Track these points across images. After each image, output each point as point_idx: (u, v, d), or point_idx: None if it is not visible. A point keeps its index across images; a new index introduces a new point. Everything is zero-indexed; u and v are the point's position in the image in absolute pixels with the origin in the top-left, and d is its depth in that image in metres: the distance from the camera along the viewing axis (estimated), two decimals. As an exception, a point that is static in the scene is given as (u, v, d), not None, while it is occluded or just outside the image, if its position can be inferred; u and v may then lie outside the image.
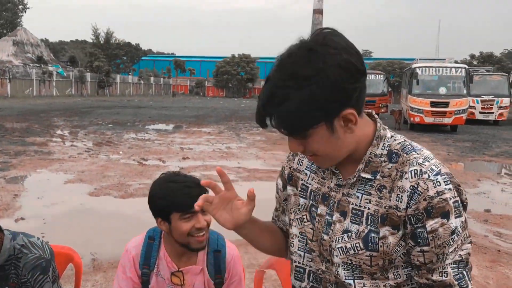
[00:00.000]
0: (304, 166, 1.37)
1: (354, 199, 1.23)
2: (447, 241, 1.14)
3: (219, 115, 26.21)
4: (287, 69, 1.09)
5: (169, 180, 1.95)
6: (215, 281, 2.04)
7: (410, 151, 1.20)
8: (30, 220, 6.08)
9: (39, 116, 21.83)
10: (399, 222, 1.17)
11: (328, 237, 1.25)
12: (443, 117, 19.14)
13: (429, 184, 1.13)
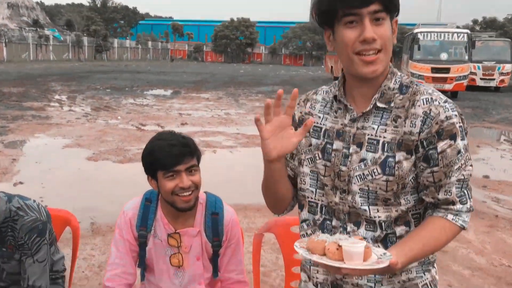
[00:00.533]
0: (317, 110, 1.47)
1: (369, 131, 1.34)
2: (454, 160, 1.30)
3: (217, 81, 26.00)
4: None
5: (158, 137, 1.93)
6: (212, 243, 2.02)
7: (418, 84, 1.36)
8: (28, 184, 6.08)
9: (36, 80, 21.63)
10: (412, 147, 1.31)
11: (347, 167, 1.36)
12: (444, 83, 18.97)
13: (440, 110, 1.28)
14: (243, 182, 6.46)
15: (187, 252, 2.00)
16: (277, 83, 25.68)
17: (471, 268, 4.09)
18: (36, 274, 2.02)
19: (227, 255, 2.08)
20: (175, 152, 1.83)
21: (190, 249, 2.00)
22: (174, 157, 1.83)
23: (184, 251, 2.00)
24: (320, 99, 1.48)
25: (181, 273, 2.02)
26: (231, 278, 2.11)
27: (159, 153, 1.85)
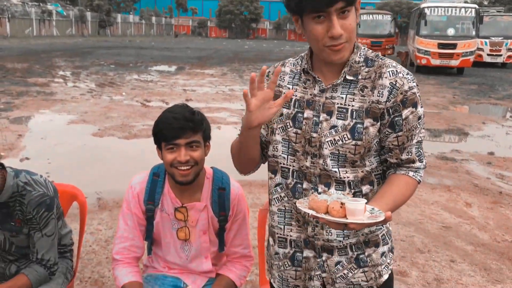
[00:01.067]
0: (286, 82, 1.56)
1: (338, 100, 1.46)
2: (415, 124, 1.46)
3: (222, 57, 25.84)
4: None
5: (169, 109, 1.94)
6: (219, 218, 2.05)
7: (383, 58, 1.48)
8: (34, 160, 6.13)
9: (40, 56, 21.57)
10: (379, 114, 1.44)
11: (317, 134, 1.47)
12: (450, 59, 18.78)
13: (404, 81, 1.42)
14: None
15: (193, 226, 2.02)
16: (282, 58, 25.36)
17: (474, 244, 4.12)
18: (44, 247, 2.06)
19: (233, 230, 2.10)
20: (176, 126, 1.84)
21: (197, 223, 2.02)
22: (174, 130, 1.85)
23: (190, 225, 2.02)
24: (288, 71, 1.58)
25: (188, 246, 2.05)
26: (237, 252, 2.14)
27: (162, 125, 1.87)
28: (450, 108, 11.55)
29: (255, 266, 3.57)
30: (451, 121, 9.78)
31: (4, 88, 11.71)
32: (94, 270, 3.46)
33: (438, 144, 7.94)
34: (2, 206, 2.01)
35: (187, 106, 1.95)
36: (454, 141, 8.34)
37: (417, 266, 3.69)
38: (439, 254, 3.92)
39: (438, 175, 6.11)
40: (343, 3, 1.34)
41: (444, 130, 8.91)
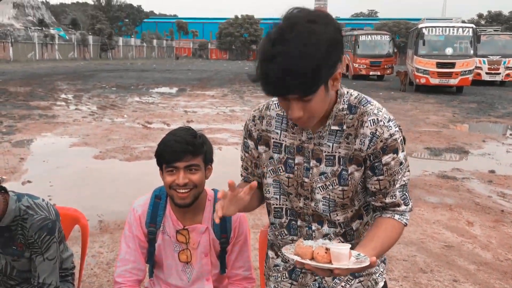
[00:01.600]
0: (274, 127, 1.58)
1: (325, 148, 1.50)
2: (397, 169, 1.48)
3: (222, 78, 26.03)
4: (298, 39, 1.24)
5: (172, 132, 1.97)
6: (220, 240, 2.05)
7: (365, 103, 1.48)
8: (36, 183, 6.14)
9: (43, 80, 21.75)
10: (361, 160, 1.49)
11: (309, 179, 1.53)
12: (449, 78, 18.91)
13: (384, 129, 1.45)
14: (248, 179, 6.49)
15: (195, 248, 2.03)
16: (282, 79, 25.64)
17: (477, 263, 4.10)
18: (46, 271, 2.06)
19: (234, 252, 2.10)
20: (175, 149, 1.87)
21: (198, 246, 2.03)
22: (174, 153, 1.87)
23: (192, 247, 2.02)
24: (275, 115, 1.58)
25: (189, 269, 2.05)
26: (239, 275, 2.14)
27: (164, 147, 1.90)
28: (450, 126, 11.59)
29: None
30: (451, 139, 9.80)
31: (6, 112, 11.79)
32: (96, 294, 3.45)
33: (438, 163, 7.95)
34: (4, 230, 2.02)
35: (190, 129, 1.98)
36: (455, 159, 8.35)
37: (420, 286, 3.67)
38: (442, 273, 3.90)
39: (439, 194, 6.10)
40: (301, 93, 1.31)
41: (444, 148, 8.92)
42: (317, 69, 1.25)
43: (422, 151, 8.76)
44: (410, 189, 5.03)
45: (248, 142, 1.66)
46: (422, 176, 6.96)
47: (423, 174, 7.05)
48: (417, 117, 12.84)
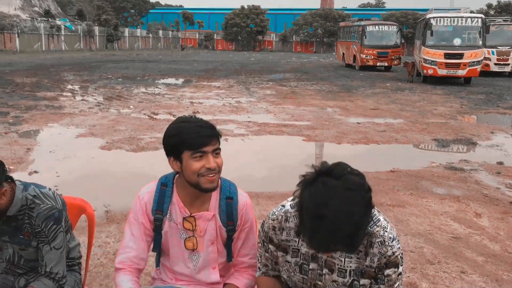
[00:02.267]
0: (292, 236, 1.84)
1: (337, 261, 1.79)
2: (395, 279, 1.80)
3: (228, 69, 25.96)
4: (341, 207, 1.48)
5: (183, 120, 1.96)
6: (227, 228, 2.04)
7: (372, 225, 1.73)
8: (43, 173, 6.16)
9: (49, 70, 21.78)
10: (372, 274, 1.78)
11: (322, 283, 1.82)
12: (457, 69, 18.75)
13: (388, 249, 1.75)
14: (255, 170, 6.48)
15: (201, 236, 2.02)
16: (288, 70, 25.58)
17: (485, 255, 4.07)
18: (53, 260, 2.06)
19: (240, 239, 2.10)
20: (204, 133, 1.87)
21: (205, 233, 2.02)
22: (203, 138, 1.87)
23: (198, 235, 2.02)
24: (293, 226, 1.82)
25: (196, 256, 2.05)
26: (245, 262, 2.13)
27: (187, 134, 1.87)
28: (457, 117, 11.51)
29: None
30: (459, 131, 9.73)
31: (13, 103, 11.83)
32: (103, 283, 3.46)
33: (446, 154, 7.90)
34: (11, 219, 2.02)
35: (197, 116, 2.00)
36: (463, 151, 8.30)
37: (427, 277, 3.66)
38: (450, 265, 3.87)
39: (447, 185, 6.06)
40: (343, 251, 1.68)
41: (452, 140, 8.86)
42: (356, 232, 1.51)
43: (429, 142, 8.70)
44: (417, 180, 5.02)
45: (269, 246, 1.90)
46: (430, 167, 6.92)
47: (430, 166, 7.01)
48: (425, 108, 12.75)
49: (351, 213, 1.47)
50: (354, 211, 1.48)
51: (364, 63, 25.99)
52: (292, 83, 18.85)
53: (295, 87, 17.34)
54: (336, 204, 1.47)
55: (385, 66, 26.40)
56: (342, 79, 20.79)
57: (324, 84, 18.52)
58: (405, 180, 6.18)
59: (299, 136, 8.87)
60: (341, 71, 25.71)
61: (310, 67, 28.90)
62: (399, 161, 7.17)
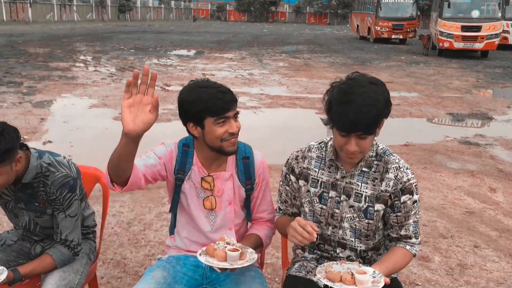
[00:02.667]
0: (313, 165, 1.96)
1: (355, 186, 1.89)
2: (411, 208, 1.88)
3: (241, 41, 25.71)
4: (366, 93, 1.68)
5: (201, 85, 1.93)
6: (245, 187, 2.07)
7: (389, 154, 1.90)
8: (57, 143, 6.21)
9: (61, 41, 21.76)
10: (387, 200, 1.87)
11: (339, 210, 1.91)
12: (474, 42, 18.35)
13: (403, 174, 1.87)
14: (267, 143, 6.46)
15: (219, 196, 2.04)
16: (301, 42, 25.25)
17: (499, 230, 4.05)
18: (68, 228, 2.08)
19: (258, 198, 2.14)
20: (227, 99, 1.88)
21: (223, 193, 2.04)
22: (226, 103, 1.87)
23: (217, 195, 2.04)
24: (315, 156, 1.96)
25: (213, 216, 2.06)
26: (263, 218, 2.18)
27: (211, 101, 1.86)
28: (473, 92, 11.32)
29: (275, 249, 3.57)
30: (474, 105, 9.58)
31: (26, 73, 11.86)
32: (117, 252, 3.50)
33: (461, 129, 7.80)
34: (26, 187, 2.03)
35: (212, 80, 1.98)
36: (478, 125, 8.19)
37: (440, 251, 3.65)
38: (463, 239, 3.86)
39: (461, 160, 6.00)
40: (364, 132, 1.71)
41: (467, 114, 8.74)
42: (378, 116, 1.69)
43: (444, 116, 8.59)
44: (431, 154, 4.99)
45: (290, 176, 2.00)
46: (444, 141, 6.85)
47: (444, 140, 6.93)
48: (440, 82, 12.56)
49: (376, 100, 1.68)
50: (378, 99, 1.68)
51: (378, 35, 25.53)
52: (305, 55, 18.64)
53: (308, 60, 17.14)
54: (363, 92, 1.68)
55: (400, 39, 25.93)
56: (356, 52, 20.50)
57: (338, 57, 18.29)
58: (419, 154, 6.12)
59: (312, 109, 8.81)
60: (355, 44, 25.33)
61: (323, 39, 28.49)
62: (413, 135, 7.10)
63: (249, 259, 1.81)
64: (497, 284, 3.24)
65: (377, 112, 1.68)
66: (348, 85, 1.72)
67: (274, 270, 3.34)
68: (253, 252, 1.87)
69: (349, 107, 1.66)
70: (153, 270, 2.06)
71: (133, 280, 3.12)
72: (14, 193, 2.07)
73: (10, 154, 1.84)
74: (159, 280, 1.97)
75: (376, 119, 1.69)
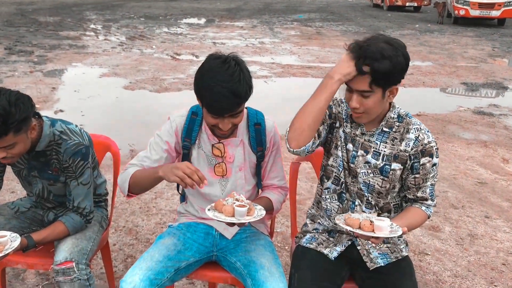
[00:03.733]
0: (344, 114, 1.97)
1: (373, 144, 1.90)
2: (430, 170, 1.88)
3: (252, 9, 25.31)
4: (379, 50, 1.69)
5: (214, 72, 1.79)
6: (257, 154, 2.07)
7: (410, 117, 1.91)
8: (68, 112, 6.23)
9: (71, 9, 21.59)
10: (405, 160, 1.87)
11: (354, 165, 1.93)
12: (491, 9, 17.87)
13: (425, 136, 1.86)
14: (278, 112, 6.41)
15: (230, 162, 2.04)
16: (314, 10, 24.80)
17: (510, 200, 4.03)
18: (80, 196, 2.10)
19: (269, 163, 2.13)
20: (224, 106, 1.78)
21: (233, 159, 2.04)
22: (220, 110, 1.80)
23: (228, 161, 2.04)
24: (345, 108, 1.97)
25: (225, 182, 2.07)
26: (273, 184, 2.17)
27: (209, 98, 1.79)
28: (488, 61, 11.10)
29: (285, 218, 3.60)
30: (489, 74, 9.41)
31: (37, 42, 11.84)
32: (128, 220, 3.55)
33: (475, 99, 7.69)
34: (40, 154, 2.04)
35: (231, 66, 1.80)
36: (492, 95, 8.05)
37: (450, 221, 3.65)
38: (474, 210, 3.85)
39: (475, 130, 5.93)
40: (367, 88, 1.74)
41: (481, 84, 8.59)
42: (388, 73, 1.69)
43: (458, 86, 8.46)
44: (444, 124, 4.93)
45: (328, 109, 1.97)
46: (457, 111, 6.76)
47: (458, 110, 6.84)
48: (454, 50, 12.32)
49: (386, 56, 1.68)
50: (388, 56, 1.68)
51: (392, 3, 24.94)
52: (317, 23, 18.32)
53: (320, 28, 16.87)
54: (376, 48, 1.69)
55: (414, 7, 25.33)
56: (369, 20, 20.10)
57: (351, 25, 17.96)
58: (431, 124, 6.06)
59: (323, 78, 8.71)
60: (368, 11, 24.82)
61: (336, 7, 27.95)
62: (426, 105, 7.01)
63: (257, 215, 1.80)
64: (506, 254, 3.24)
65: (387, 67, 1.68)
66: (365, 40, 1.75)
67: (284, 238, 3.37)
68: (262, 209, 1.85)
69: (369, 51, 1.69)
70: (163, 237, 2.08)
71: (144, 247, 3.17)
72: (28, 161, 2.09)
73: (26, 122, 1.85)
74: (170, 247, 2.00)
75: (385, 76, 1.70)
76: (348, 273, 2.01)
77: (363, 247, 1.97)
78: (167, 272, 1.90)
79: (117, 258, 3.07)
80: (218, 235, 2.09)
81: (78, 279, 2.00)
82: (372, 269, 1.95)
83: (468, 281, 2.94)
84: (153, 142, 2.04)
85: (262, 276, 1.86)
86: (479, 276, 2.99)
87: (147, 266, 1.86)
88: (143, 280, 1.81)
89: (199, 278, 2.10)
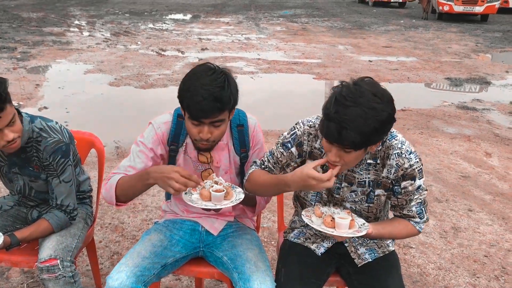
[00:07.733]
0: (318, 144, 1.85)
1: (357, 175, 1.84)
2: (413, 192, 1.83)
3: (237, 4, 25.24)
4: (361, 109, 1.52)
5: (196, 76, 1.81)
6: (240, 155, 2.05)
7: (390, 138, 1.79)
8: (52, 109, 6.17)
9: (55, 5, 21.32)
10: (388, 186, 1.84)
11: (339, 196, 1.90)
12: (474, 5, 18.05)
13: (405, 161, 1.78)
14: (264, 108, 6.44)
15: (218, 167, 2.03)
16: (299, 6, 24.82)
17: (493, 193, 4.09)
18: (63, 193, 2.08)
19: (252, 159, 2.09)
20: (203, 107, 1.74)
21: (220, 163, 2.02)
22: (201, 112, 1.76)
23: (215, 166, 2.02)
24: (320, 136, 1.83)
25: None
26: None
27: (189, 100, 1.77)
28: (472, 56, 11.22)
29: (272, 213, 3.61)
30: (472, 69, 9.52)
31: (20, 38, 11.68)
32: (114, 217, 3.54)
33: (458, 94, 7.77)
34: (20, 151, 2.02)
35: (217, 74, 1.80)
36: (475, 90, 8.15)
37: (434, 215, 3.69)
38: (457, 203, 3.90)
39: (458, 124, 6.00)
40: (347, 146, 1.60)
41: (465, 79, 8.69)
42: (367, 137, 1.54)
43: (442, 81, 8.55)
44: (428, 119, 4.95)
45: (293, 148, 1.88)
46: (441, 106, 6.84)
47: (442, 105, 6.91)
48: (438, 46, 12.43)
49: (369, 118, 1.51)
50: (371, 117, 1.51)
51: (377, -2, 25.09)
52: (303, 19, 18.35)
53: (306, 24, 16.89)
54: (358, 103, 1.52)
55: (399, 2, 25.51)
56: (354, 16, 20.19)
57: (336, 21, 18.02)
58: (415, 119, 6.12)
59: (309, 74, 8.74)
60: (354, 7, 24.92)
61: (321, 3, 27.99)
62: (411, 100, 7.07)
63: (235, 199, 1.77)
64: (489, 246, 3.29)
65: (367, 132, 1.53)
66: (346, 91, 1.55)
67: (271, 233, 3.39)
68: (241, 192, 1.83)
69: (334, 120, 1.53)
70: (150, 233, 2.08)
71: (130, 244, 3.16)
72: (8, 158, 2.07)
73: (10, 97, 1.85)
74: (156, 244, 1.99)
75: (364, 140, 1.55)
76: (334, 268, 2.02)
77: (350, 244, 1.97)
78: (153, 268, 1.89)
79: (103, 255, 3.06)
80: (205, 231, 2.09)
81: (63, 277, 1.99)
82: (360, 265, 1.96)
83: (451, 273, 2.99)
84: (137, 150, 1.99)
85: (249, 270, 1.87)
86: (462, 268, 3.04)
87: (133, 263, 1.86)
88: (130, 276, 1.80)
89: (186, 273, 2.10)
